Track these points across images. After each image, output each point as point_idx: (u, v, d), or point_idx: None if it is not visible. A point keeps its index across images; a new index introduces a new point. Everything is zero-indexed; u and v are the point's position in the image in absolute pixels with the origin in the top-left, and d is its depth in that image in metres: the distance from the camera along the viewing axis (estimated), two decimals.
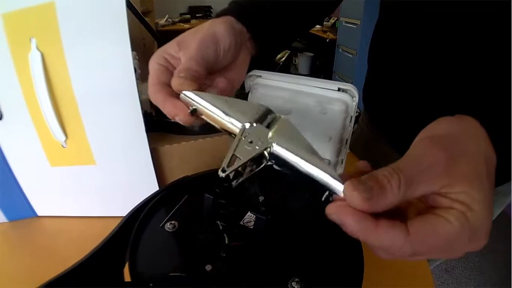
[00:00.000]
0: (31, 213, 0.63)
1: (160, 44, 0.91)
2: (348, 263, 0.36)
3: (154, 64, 0.38)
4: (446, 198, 0.24)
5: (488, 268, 1.95)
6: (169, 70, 0.38)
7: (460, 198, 0.24)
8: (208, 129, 0.65)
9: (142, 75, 0.71)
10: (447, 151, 0.24)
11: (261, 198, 0.43)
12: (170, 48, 0.39)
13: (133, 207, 0.44)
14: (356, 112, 0.51)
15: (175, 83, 0.35)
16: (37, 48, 0.50)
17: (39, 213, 0.64)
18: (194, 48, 0.37)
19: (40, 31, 0.50)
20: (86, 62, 0.51)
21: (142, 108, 0.54)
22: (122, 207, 0.46)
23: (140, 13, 0.74)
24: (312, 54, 4.45)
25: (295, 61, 4.69)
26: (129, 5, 0.70)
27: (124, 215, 0.42)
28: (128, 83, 0.52)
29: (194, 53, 0.37)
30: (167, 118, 0.67)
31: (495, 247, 2.06)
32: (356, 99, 0.49)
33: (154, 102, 0.37)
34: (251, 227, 0.39)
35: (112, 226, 0.41)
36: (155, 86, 0.36)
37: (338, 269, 0.36)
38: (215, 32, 0.39)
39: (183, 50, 0.38)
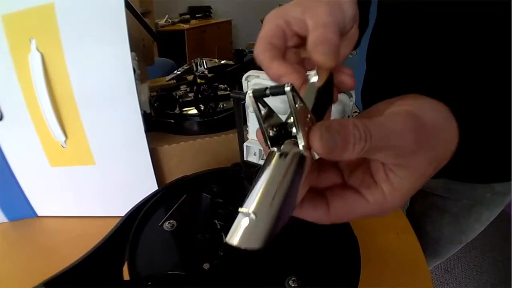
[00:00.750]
0: (31, 213, 0.64)
1: (160, 45, 0.92)
2: (345, 262, 0.37)
3: (271, 23, 0.33)
4: (385, 173, 0.26)
5: (488, 268, 1.95)
6: (285, 34, 0.33)
7: (395, 182, 0.25)
8: (206, 129, 0.66)
9: (141, 75, 0.71)
10: (417, 141, 0.25)
11: None
12: (292, 10, 0.34)
13: (133, 206, 0.44)
14: (355, 112, 0.51)
15: (318, 58, 0.30)
16: (37, 49, 0.50)
17: (39, 213, 0.64)
18: (324, 13, 0.32)
19: (40, 32, 0.50)
20: (86, 63, 0.51)
21: (141, 109, 0.55)
22: (121, 206, 0.46)
23: (139, 13, 0.74)
24: None
25: None
26: (128, 6, 0.70)
27: (124, 214, 0.43)
28: (127, 83, 0.52)
29: (326, 18, 0.32)
30: (167, 118, 0.68)
31: (495, 246, 2.06)
32: (353, 99, 0.49)
33: (259, 60, 0.32)
34: None
35: (111, 225, 0.41)
36: (264, 44, 0.32)
37: (334, 268, 0.36)
38: (337, 2, 0.35)
39: (309, 13, 0.33)
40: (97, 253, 0.38)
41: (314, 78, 0.29)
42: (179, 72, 0.81)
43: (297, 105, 0.22)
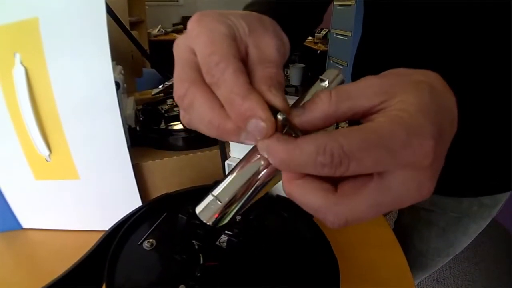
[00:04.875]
0: (16, 225, 0.63)
1: (147, 56, 0.91)
2: (324, 282, 0.37)
3: (219, 32, 0.26)
4: (382, 111, 0.23)
5: (480, 277, 1.96)
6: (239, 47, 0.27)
7: (396, 106, 0.22)
8: (191, 145, 0.66)
9: (129, 88, 0.71)
10: (386, 77, 0.24)
11: (238, 218, 0.42)
12: (238, 23, 0.28)
13: (115, 222, 0.44)
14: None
15: (274, 100, 0.24)
16: (21, 63, 0.50)
17: (24, 226, 0.63)
18: (273, 46, 0.28)
19: (24, 46, 0.50)
20: (69, 77, 0.51)
21: (126, 123, 0.54)
22: (105, 221, 0.46)
23: (127, 26, 0.74)
24: (303, 66, 4.46)
25: (286, 72, 4.70)
26: (116, 20, 0.70)
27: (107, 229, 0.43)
28: (109, 98, 0.52)
29: (275, 55, 0.28)
30: (152, 133, 0.67)
31: (487, 256, 2.07)
32: None
33: (213, 73, 0.25)
34: None
35: (95, 239, 0.41)
36: (224, 55, 0.25)
37: (313, 287, 0.36)
38: (282, 36, 0.31)
39: (255, 38, 0.28)
40: (77, 270, 0.38)
41: (324, 83, 0.28)
42: (166, 85, 0.81)
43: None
